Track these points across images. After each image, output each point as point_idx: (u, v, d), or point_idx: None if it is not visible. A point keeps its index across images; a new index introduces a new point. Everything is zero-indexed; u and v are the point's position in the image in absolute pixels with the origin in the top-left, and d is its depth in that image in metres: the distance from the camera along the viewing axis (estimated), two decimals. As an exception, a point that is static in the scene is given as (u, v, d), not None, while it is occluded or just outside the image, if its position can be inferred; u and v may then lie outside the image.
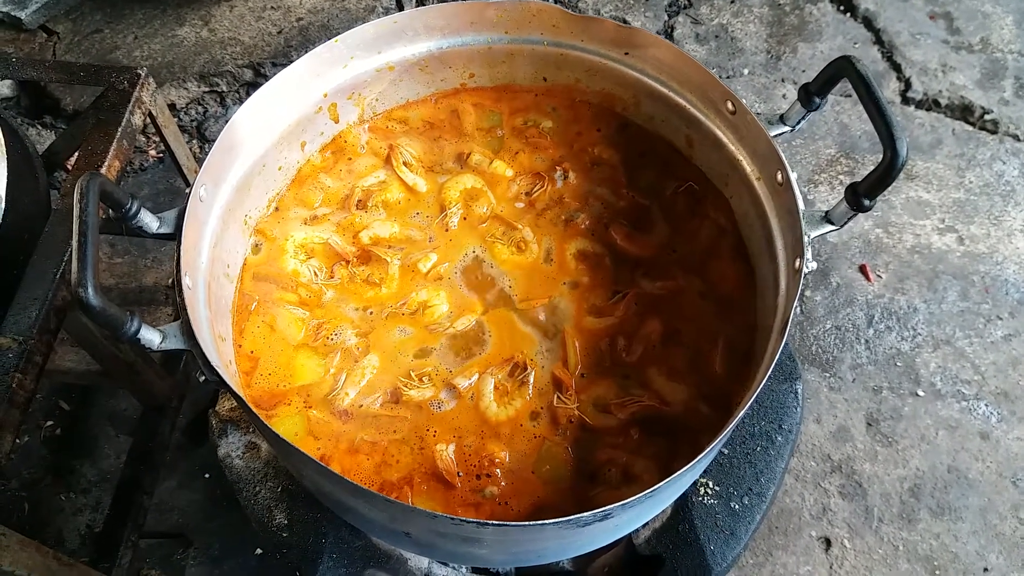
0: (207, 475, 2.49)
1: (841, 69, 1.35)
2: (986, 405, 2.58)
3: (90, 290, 1.12)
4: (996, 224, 2.96)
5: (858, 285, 2.83)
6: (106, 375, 2.20)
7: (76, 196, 1.19)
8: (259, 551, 2.33)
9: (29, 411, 2.49)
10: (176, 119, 3.19)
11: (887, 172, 1.26)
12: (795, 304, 1.29)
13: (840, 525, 2.38)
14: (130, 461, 2.31)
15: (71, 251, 1.16)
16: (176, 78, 3.24)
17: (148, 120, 2.10)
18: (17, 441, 2.56)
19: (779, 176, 1.45)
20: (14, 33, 3.42)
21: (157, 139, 3.23)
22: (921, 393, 2.61)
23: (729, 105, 1.55)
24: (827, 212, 1.39)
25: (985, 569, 2.29)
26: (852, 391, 2.61)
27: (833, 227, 1.38)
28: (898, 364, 2.66)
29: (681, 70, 1.64)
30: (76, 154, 1.88)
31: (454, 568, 1.79)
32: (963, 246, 2.92)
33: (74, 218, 1.17)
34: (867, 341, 2.71)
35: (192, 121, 3.30)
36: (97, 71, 2.06)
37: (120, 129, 1.92)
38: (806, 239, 1.34)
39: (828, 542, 2.36)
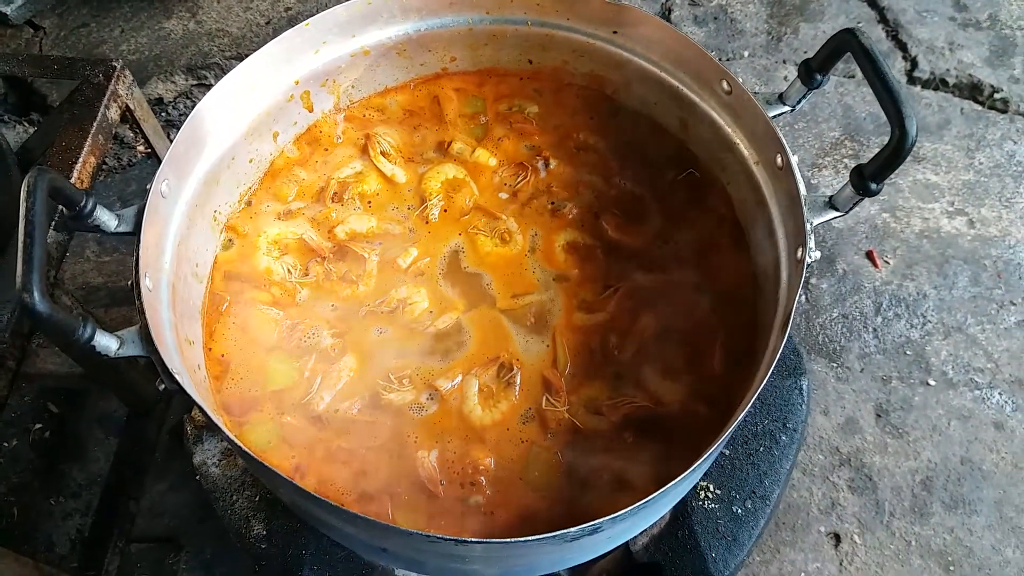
0: (197, 477, 2.43)
1: (844, 43, 1.26)
2: (1000, 394, 2.48)
3: (36, 295, 1.04)
4: (1008, 206, 2.85)
5: (865, 272, 2.73)
6: (89, 378, 2.14)
7: (23, 194, 1.12)
8: (251, 556, 2.28)
9: (7, 416, 2.43)
10: (164, 113, 3.12)
11: (895, 153, 1.17)
12: (797, 297, 1.20)
13: (850, 520, 2.30)
14: (115, 466, 2.26)
15: (18, 253, 1.09)
16: (163, 71, 3.17)
17: (126, 114, 2.03)
18: (5, 445, 2.51)
19: (779, 159, 1.36)
20: (0, 29, 3.36)
21: (144, 135, 3.17)
22: (932, 382, 2.51)
23: (724, 85, 1.46)
24: (831, 197, 1.30)
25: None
26: (860, 381, 2.52)
27: (838, 213, 1.29)
28: (908, 353, 2.57)
29: (673, 49, 1.54)
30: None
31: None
32: (974, 230, 2.81)
33: (20, 217, 1.09)
34: (875, 329, 2.62)
35: (180, 115, 3.22)
36: (71, 64, 1.99)
37: (95, 124, 1.85)
38: (808, 227, 1.25)
39: (838, 538, 2.28)
